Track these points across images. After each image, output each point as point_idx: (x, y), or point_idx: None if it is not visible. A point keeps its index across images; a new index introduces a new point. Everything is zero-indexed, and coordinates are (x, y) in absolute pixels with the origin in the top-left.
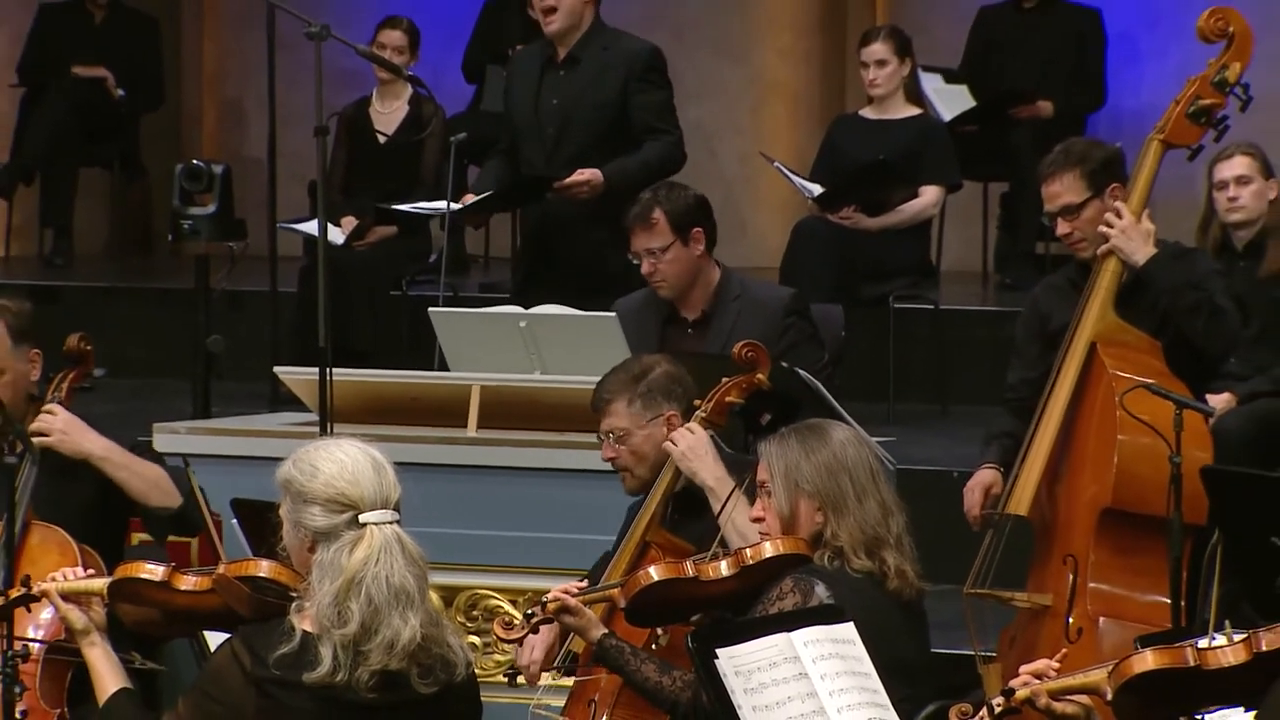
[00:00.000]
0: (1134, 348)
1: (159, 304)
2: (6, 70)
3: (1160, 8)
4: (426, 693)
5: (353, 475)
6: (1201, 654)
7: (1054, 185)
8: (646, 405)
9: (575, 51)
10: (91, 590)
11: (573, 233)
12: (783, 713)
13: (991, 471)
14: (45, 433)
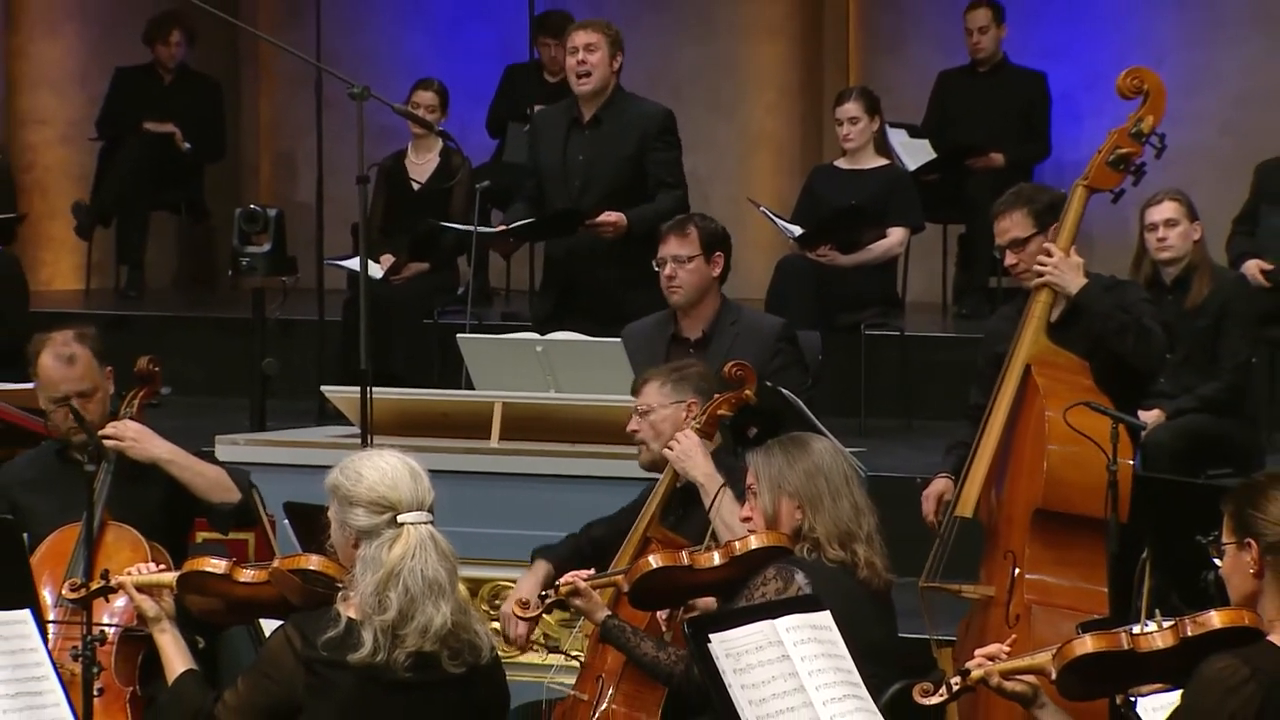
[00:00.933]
0: (1065, 368)
1: (220, 331)
2: (87, 125)
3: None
4: (456, 672)
5: (392, 481)
6: (1134, 639)
7: (1004, 221)
8: (674, 390)
9: (600, 114)
10: (162, 583)
11: (593, 271)
12: (768, 690)
13: (945, 480)
14: (119, 439)
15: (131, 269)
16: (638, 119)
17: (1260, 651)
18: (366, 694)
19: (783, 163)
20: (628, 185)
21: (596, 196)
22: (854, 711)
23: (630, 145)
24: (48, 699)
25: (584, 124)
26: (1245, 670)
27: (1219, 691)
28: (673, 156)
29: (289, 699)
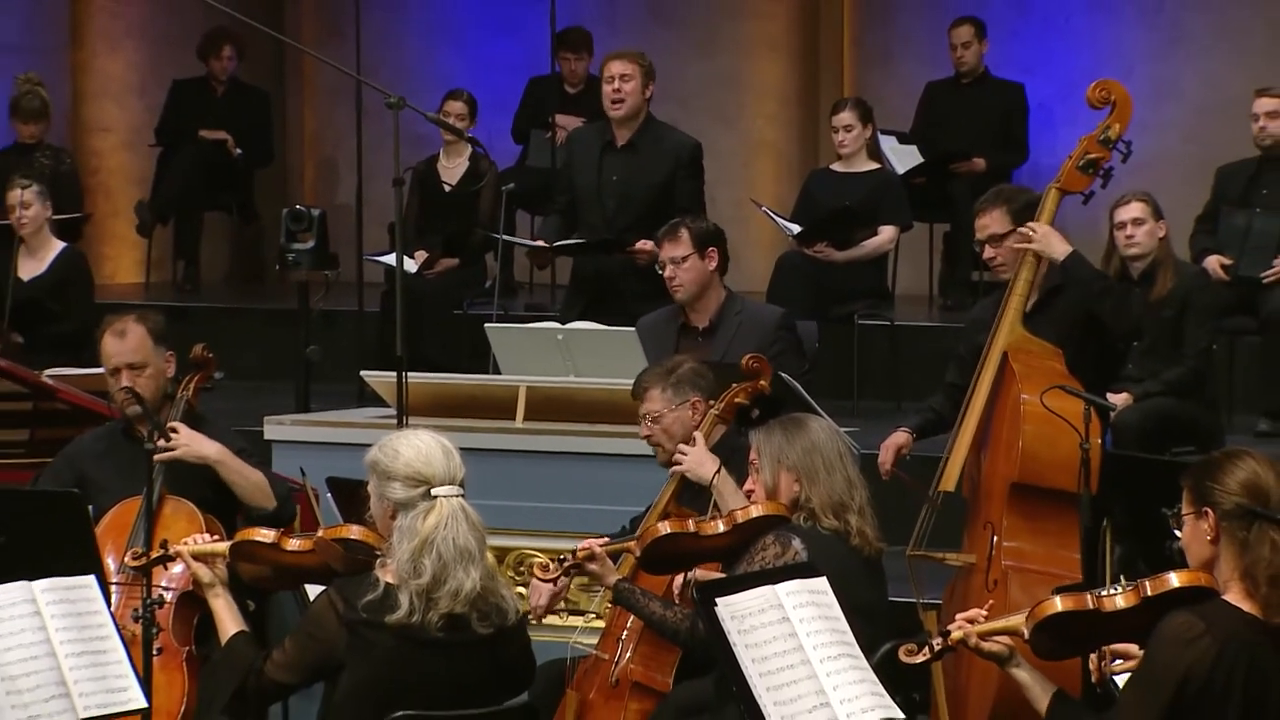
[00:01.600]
0: (1039, 355)
1: (268, 321)
2: (146, 133)
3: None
4: (484, 633)
5: (426, 458)
6: (1099, 599)
7: (984, 218)
8: (676, 392)
9: (633, 139)
10: (216, 552)
11: (618, 285)
12: (770, 649)
13: (904, 434)
14: (172, 447)
15: (187, 264)
16: (672, 148)
17: (1215, 609)
18: (402, 652)
19: (782, 167)
20: (657, 208)
21: (629, 217)
22: (848, 670)
23: (662, 173)
24: (111, 657)
25: (618, 147)
26: (1201, 625)
27: (1177, 645)
28: (698, 186)
29: (332, 656)
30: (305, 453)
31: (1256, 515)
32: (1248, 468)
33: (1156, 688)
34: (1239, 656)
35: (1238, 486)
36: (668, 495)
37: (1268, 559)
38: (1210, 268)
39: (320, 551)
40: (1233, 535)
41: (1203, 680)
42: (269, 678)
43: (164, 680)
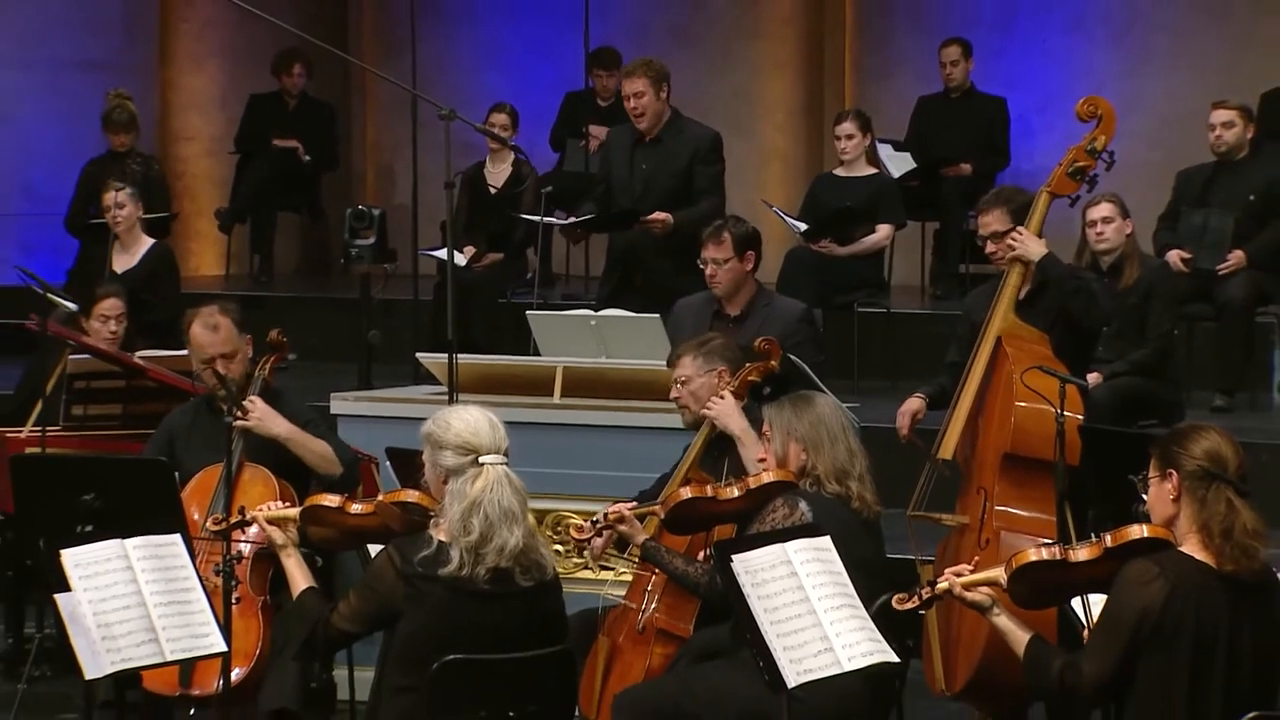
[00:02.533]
0: (1028, 340)
1: (334, 309)
2: (226, 141)
3: (1048, 97)
4: (526, 585)
5: (474, 430)
6: (1065, 550)
7: (986, 217)
8: (706, 361)
9: (660, 134)
10: (288, 516)
11: (648, 262)
12: (780, 600)
13: (919, 400)
14: (246, 421)
15: (262, 258)
16: (692, 139)
17: (1170, 557)
18: (453, 602)
19: (790, 172)
20: (679, 192)
21: (653, 201)
22: (850, 618)
23: (683, 160)
24: (194, 606)
25: (645, 141)
26: (1155, 570)
27: (1133, 586)
28: (715, 170)
29: (390, 607)
30: (367, 426)
31: (1215, 477)
32: (1210, 439)
33: (1117, 626)
34: (1189, 597)
35: (1201, 453)
36: (693, 456)
37: (1222, 514)
38: (1171, 261)
39: (380, 514)
40: (1193, 494)
41: (1156, 617)
42: (335, 627)
43: (241, 627)
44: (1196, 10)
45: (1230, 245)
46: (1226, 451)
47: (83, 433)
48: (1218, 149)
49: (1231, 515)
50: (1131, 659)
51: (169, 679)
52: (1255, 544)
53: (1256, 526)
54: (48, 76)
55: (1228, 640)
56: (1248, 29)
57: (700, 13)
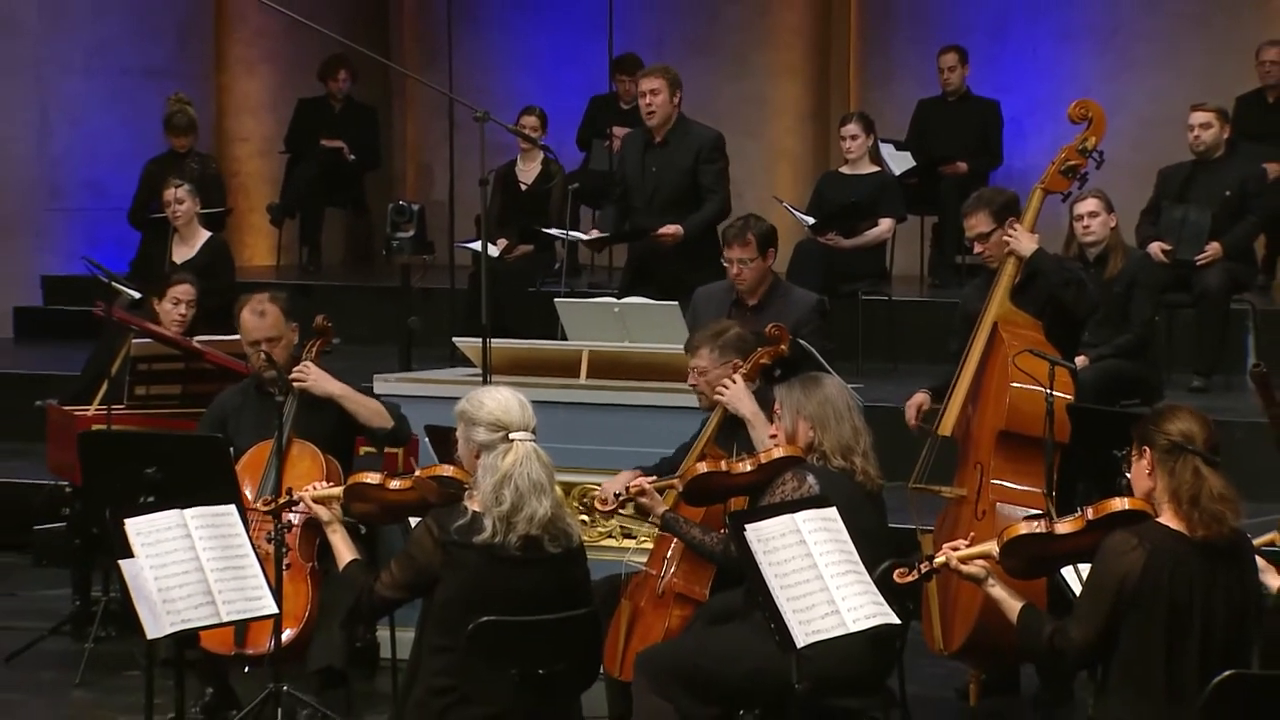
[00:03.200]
0: (1023, 326)
1: (376, 296)
2: (277, 142)
3: (1039, 100)
4: (554, 552)
5: (505, 408)
6: (1051, 524)
7: (971, 220)
8: (721, 353)
9: (667, 136)
10: (332, 495)
11: (663, 262)
12: (790, 567)
13: (923, 395)
14: (303, 379)
15: (310, 250)
16: (695, 140)
17: (1148, 527)
18: (487, 568)
19: (799, 170)
20: (686, 190)
21: (663, 199)
22: (854, 583)
23: (688, 160)
24: (248, 572)
25: (655, 144)
26: (1134, 539)
27: (1113, 556)
28: (718, 169)
29: (429, 573)
30: (407, 405)
31: (1182, 449)
32: (1183, 417)
33: (1101, 591)
34: (1165, 564)
35: (1173, 429)
36: (707, 435)
37: (1190, 482)
38: (1153, 252)
39: (418, 488)
40: (1164, 466)
41: (1135, 584)
42: (379, 595)
43: (291, 590)
44: (1176, 20)
45: (1207, 238)
46: (1194, 428)
47: (145, 411)
48: (1196, 148)
49: (1198, 482)
50: (1114, 623)
51: (225, 639)
52: (1223, 509)
53: (1224, 492)
54: (113, 83)
55: (1203, 603)
56: (1223, 37)
57: (715, 23)
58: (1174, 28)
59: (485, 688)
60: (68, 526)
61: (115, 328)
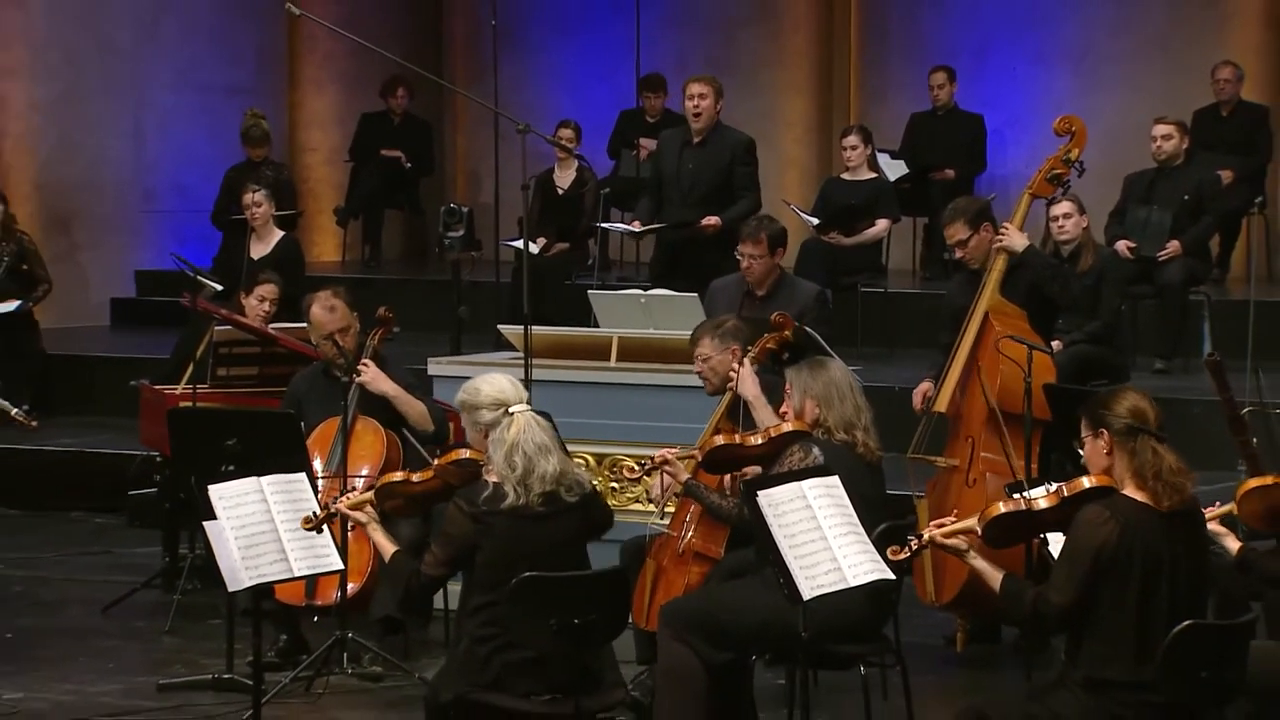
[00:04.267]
0: (1010, 315)
1: (430, 288)
2: (342, 152)
3: (1018, 115)
4: (573, 501)
5: (500, 388)
6: (1029, 502)
7: (950, 229)
8: (722, 341)
9: (706, 137)
10: (365, 499)
11: (693, 253)
12: (797, 528)
13: (928, 382)
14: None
15: (372, 247)
16: (730, 143)
17: (1117, 501)
18: (516, 528)
19: (805, 176)
20: (720, 187)
21: (699, 194)
22: (854, 543)
23: (724, 160)
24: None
25: (694, 144)
26: (1107, 513)
27: (1090, 527)
28: (750, 170)
29: (468, 545)
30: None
31: (1139, 431)
32: (1129, 398)
33: (1078, 560)
34: (1137, 534)
35: (1125, 411)
36: (719, 414)
37: (1151, 461)
38: (1119, 249)
39: (440, 475)
40: (1124, 447)
41: (1111, 552)
42: (427, 575)
43: (355, 549)
44: (1140, 43)
45: (1168, 236)
46: (1144, 406)
47: (226, 390)
48: (1158, 157)
49: (1158, 460)
50: (1091, 588)
51: (296, 591)
52: (1182, 480)
53: (1179, 465)
54: (198, 99)
55: (1169, 566)
56: (1183, 59)
57: (732, 46)
58: (1138, 50)
59: (527, 635)
60: (158, 492)
61: (200, 316)
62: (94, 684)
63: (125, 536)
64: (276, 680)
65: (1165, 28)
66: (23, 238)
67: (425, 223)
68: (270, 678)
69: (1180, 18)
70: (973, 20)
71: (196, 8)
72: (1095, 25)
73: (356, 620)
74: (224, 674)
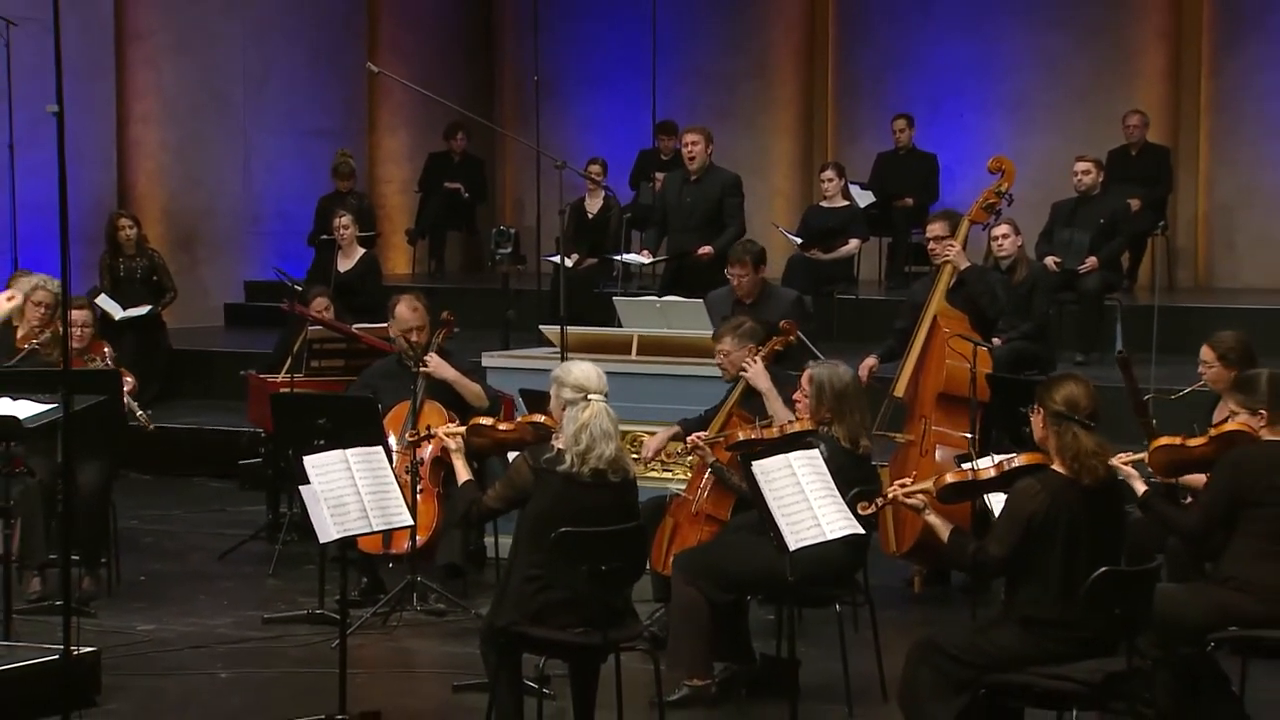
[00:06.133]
0: (955, 318)
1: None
2: (412, 183)
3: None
4: (615, 481)
5: (586, 376)
6: (976, 472)
7: (933, 226)
8: (740, 340)
9: (700, 176)
10: (458, 432)
11: (693, 271)
12: (784, 492)
13: (874, 358)
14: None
15: (436, 262)
16: (720, 179)
17: (1048, 475)
18: (566, 490)
19: (790, 204)
20: (713, 216)
21: (696, 222)
22: (832, 504)
23: (716, 194)
24: (392, 494)
25: (691, 181)
26: (1038, 485)
27: (1024, 497)
28: (737, 201)
29: (524, 491)
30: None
31: (1065, 418)
32: (1069, 387)
33: (1014, 523)
34: (1062, 504)
35: (1060, 399)
36: (732, 401)
37: (1070, 444)
38: (1048, 264)
39: (519, 430)
40: (1053, 429)
41: (1041, 519)
42: (486, 506)
43: (423, 508)
44: (1065, 95)
45: (1088, 253)
46: (1079, 394)
47: (318, 378)
48: (1079, 188)
49: (1076, 444)
50: (1024, 545)
51: (375, 543)
52: (1096, 462)
53: (1095, 449)
54: (296, 140)
55: (1089, 530)
56: (1101, 107)
57: (732, 96)
58: (1063, 101)
59: (564, 578)
60: (262, 461)
61: (297, 318)
62: (211, 618)
63: (236, 497)
64: (359, 615)
65: (1086, 82)
66: (153, 254)
67: (480, 242)
68: (354, 613)
69: (1098, 74)
70: (928, 77)
71: (295, 68)
72: (1028, 81)
73: (424, 566)
74: (316, 609)
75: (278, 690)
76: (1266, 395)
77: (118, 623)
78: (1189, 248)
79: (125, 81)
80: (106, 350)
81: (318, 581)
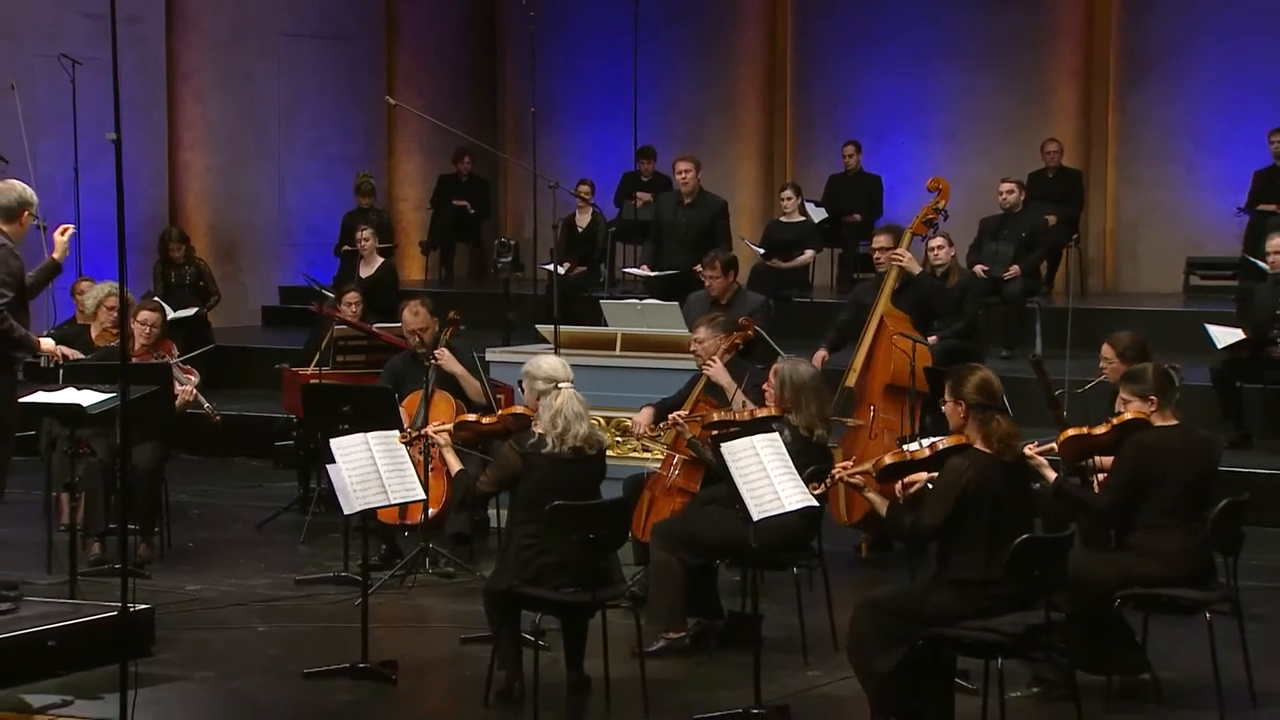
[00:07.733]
0: (899, 318)
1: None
2: (425, 201)
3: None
4: (592, 454)
5: (554, 367)
6: (911, 454)
7: (879, 239)
8: (714, 331)
9: (693, 200)
10: (446, 429)
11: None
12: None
13: (824, 352)
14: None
15: (446, 270)
16: (711, 204)
17: (973, 454)
18: (551, 468)
19: (754, 219)
20: (705, 236)
21: (689, 241)
22: (790, 480)
23: (707, 217)
24: (407, 472)
25: (684, 204)
26: (966, 463)
27: (955, 473)
28: (725, 224)
29: (513, 474)
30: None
31: (985, 407)
32: (976, 376)
33: (946, 496)
34: (987, 478)
35: (973, 388)
36: (697, 389)
37: (995, 429)
38: (977, 271)
39: (501, 422)
40: (975, 417)
41: (971, 493)
42: (481, 489)
43: (435, 484)
44: (993, 126)
45: (1011, 262)
46: (989, 380)
47: (343, 371)
48: (1004, 206)
49: (997, 427)
50: (954, 515)
51: (392, 514)
52: (1014, 441)
53: (1011, 430)
54: (324, 165)
55: (1010, 501)
56: (1022, 136)
57: (704, 126)
58: (990, 131)
59: (557, 545)
60: (295, 443)
61: (324, 318)
62: (250, 579)
63: (272, 475)
64: (378, 577)
65: (1010, 115)
66: (200, 263)
67: (484, 252)
68: (374, 575)
69: (1019, 109)
70: (874, 110)
71: (323, 101)
72: (961, 114)
73: (435, 535)
74: (341, 572)
75: (308, 642)
76: (1153, 384)
77: (169, 583)
78: (1098, 258)
79: (175, 113)
80: (174, 349)
81: (342, 548)
